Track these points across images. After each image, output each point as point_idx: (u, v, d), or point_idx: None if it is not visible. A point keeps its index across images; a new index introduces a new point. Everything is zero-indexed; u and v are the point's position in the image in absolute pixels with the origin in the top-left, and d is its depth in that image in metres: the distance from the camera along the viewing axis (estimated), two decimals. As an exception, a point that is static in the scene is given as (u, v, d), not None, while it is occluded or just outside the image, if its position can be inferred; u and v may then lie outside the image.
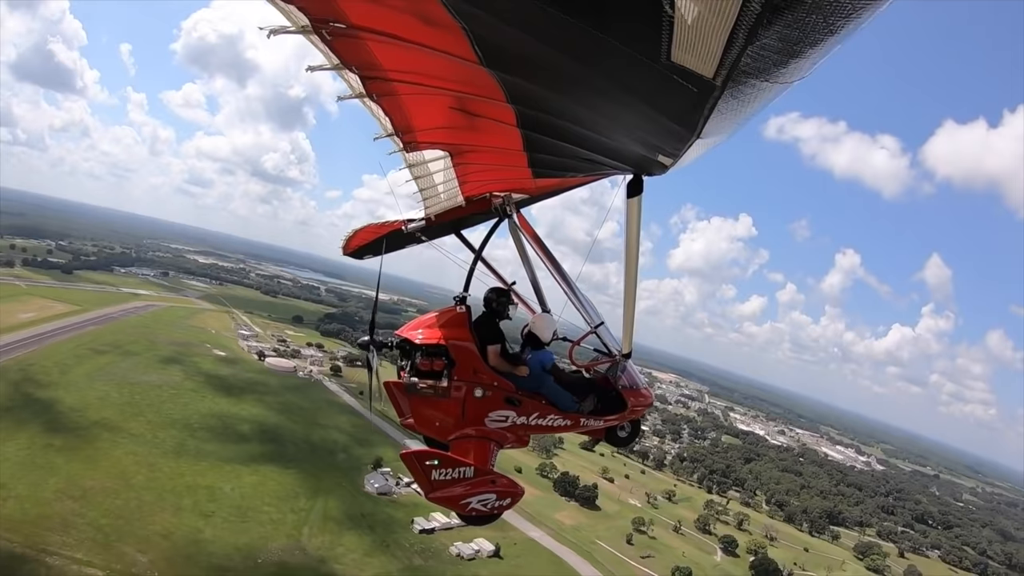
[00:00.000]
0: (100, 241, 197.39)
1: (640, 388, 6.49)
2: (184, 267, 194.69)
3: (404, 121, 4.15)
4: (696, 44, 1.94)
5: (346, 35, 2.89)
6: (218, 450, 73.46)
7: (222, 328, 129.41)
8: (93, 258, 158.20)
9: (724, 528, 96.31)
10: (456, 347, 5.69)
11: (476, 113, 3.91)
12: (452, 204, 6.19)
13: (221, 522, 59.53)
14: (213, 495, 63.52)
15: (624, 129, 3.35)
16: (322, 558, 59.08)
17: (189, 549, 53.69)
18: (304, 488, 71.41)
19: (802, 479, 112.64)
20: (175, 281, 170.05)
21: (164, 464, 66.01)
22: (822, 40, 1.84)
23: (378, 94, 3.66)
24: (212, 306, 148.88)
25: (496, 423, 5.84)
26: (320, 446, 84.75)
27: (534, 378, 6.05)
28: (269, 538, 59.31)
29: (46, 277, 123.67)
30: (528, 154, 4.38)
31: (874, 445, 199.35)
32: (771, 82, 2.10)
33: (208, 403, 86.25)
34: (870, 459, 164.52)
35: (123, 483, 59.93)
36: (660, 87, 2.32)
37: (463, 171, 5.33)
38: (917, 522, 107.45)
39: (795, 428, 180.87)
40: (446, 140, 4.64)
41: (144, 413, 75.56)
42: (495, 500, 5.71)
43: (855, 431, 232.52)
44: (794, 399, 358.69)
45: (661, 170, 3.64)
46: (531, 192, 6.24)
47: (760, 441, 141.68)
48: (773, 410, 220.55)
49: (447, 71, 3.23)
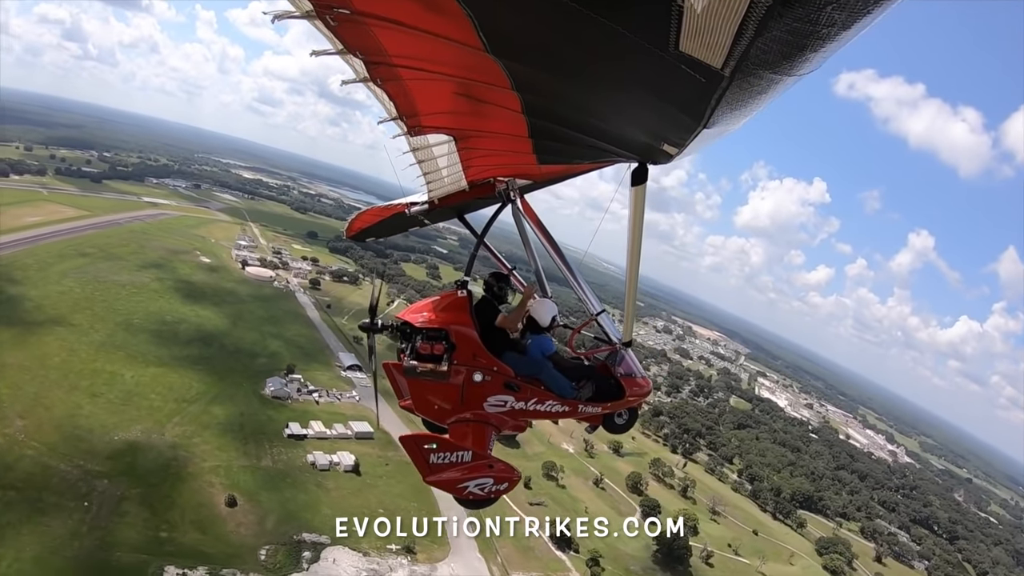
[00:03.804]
0: (148, 153, 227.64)
1: (638, 377, 7.18)
2: (222, 180, 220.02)
3: (409, 106, 4.43)
4: (705, 34, 2.13)
5: (350, 20, 3.11)
6: (141, 345, 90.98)
7: (224, 238, 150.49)
8: (129, 168, 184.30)
9: (661, 492, 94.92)
10: (456, 331, 6.29)
11: (481, 99, 4.20)
12: (456, 188, 6.74)
13: (104, 403, 76.53)
14: (111, 380, 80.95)
15: (630, 117, 3.69)
16: (174, 444, 73.40)
17: (61, 420, 70.88)
18: (201, 385, 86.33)
19: (796, 456, 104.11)
20: (206, 193, 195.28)
21: (84, 351, 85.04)
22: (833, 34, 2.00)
23: (383, 79, 3.91)
24: (229, 218, 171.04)
25: (495, 407, 6.47)
26: (245, 351, 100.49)
27: (533, 363, 6.73)
28: (135, 421, 75.66)
29: (71, 186, 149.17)
30: (533, 140, 4.76)
31: (913, 436, 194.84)
32: (780, 74, 2.31)
33: (161, 304, 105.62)
34: (899, 449, 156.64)
35: (39, 363, 79.28)
36: (668, 76, 2.58)
37: (467, 156, 5.75)
38: (917, 525, 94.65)
39: (828, 404, 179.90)
40: (450, 125, 4.99)
41: (93, 307, 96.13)
42: (492, 484, 6.32)
43: (898, 418, 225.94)
44: (844, 376, 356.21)
45: (666, 159, 3.99)
46: (535, 178, 6.93)
47: (774, 410, 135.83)
48: (813, 383, 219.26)
49: (452, 57, 3.50)
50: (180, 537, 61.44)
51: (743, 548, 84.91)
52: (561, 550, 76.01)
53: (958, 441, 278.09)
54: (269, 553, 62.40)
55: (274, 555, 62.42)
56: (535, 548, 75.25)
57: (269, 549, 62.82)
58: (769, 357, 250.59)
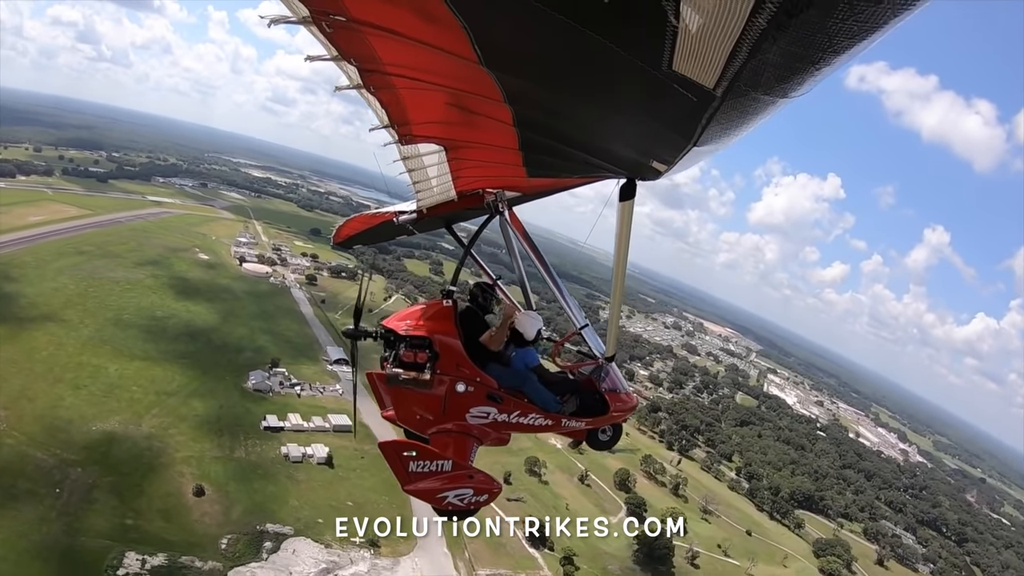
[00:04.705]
0: (157, 153, 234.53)
1: (622, 392, 7.30)
2: (230, 179, 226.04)
3: (401, 114, 4.58)
4: (699, 54, 2.21)
5: (346, 28, 3.17)
6: (129, 339, 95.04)
7: (225, 235, 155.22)
8: (137, 168, 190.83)
9: (651, 489, 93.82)
10: (440, 340, 6.41)
11: (473, 111, 4.35)
12: (444, 198, 6.82)
13: (86, 395, 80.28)
14: (95, 373, 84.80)
15: (620, 134, 3.85)
16: (150, 435, 76.47)
17: (43, 411, 74.61)
18: (183, 378, 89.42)
19: (800, 454, 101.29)
20: (212, 191, 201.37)
21: (71, 345, 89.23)
22: (826, 59, 2.09)
23: (376, 87, 4.03)
24: (232, 216, 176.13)
25: (477, 419, 6.59)
26: (232, 345, 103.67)
27: (517, 376, 6.84)
28: (115, 412, 79.06)
29: (76, 185, 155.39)
30: (523, 153, 4.94)
31: (927, 435, 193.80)
32: (772, 96, 2.42)
33: (153, 300, 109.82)
34: (911, 448, 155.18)
35: (26, 356, 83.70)
36: (660, 95, 2.69)
37: (457, 166, 5.85)
38: (925, 527, 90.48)
39: (840, 402, 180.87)
40: (442, 135, 5.14)
41: (85, 303, 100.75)
42: (472, 495, 6.42)
43: (912, 417, 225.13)
44: (858, 374, 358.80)
45: (655, 175, 4.22)
46: (524, 190, 7.09)
47: (781, 407, 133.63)
48: (825, 380, 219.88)
49: (446, 68, 3.60)
50: (145, 525, 63.87)
51: (733, 549, 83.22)
52: (535, 547, 75.85)
53: (973, 440, 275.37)
54: (230, 542, 64.32)
55: (235, 544, 64.31)
56: (507, 545, 75.22)
57: (231, 538, 64.74)
58: (781, 354, 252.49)
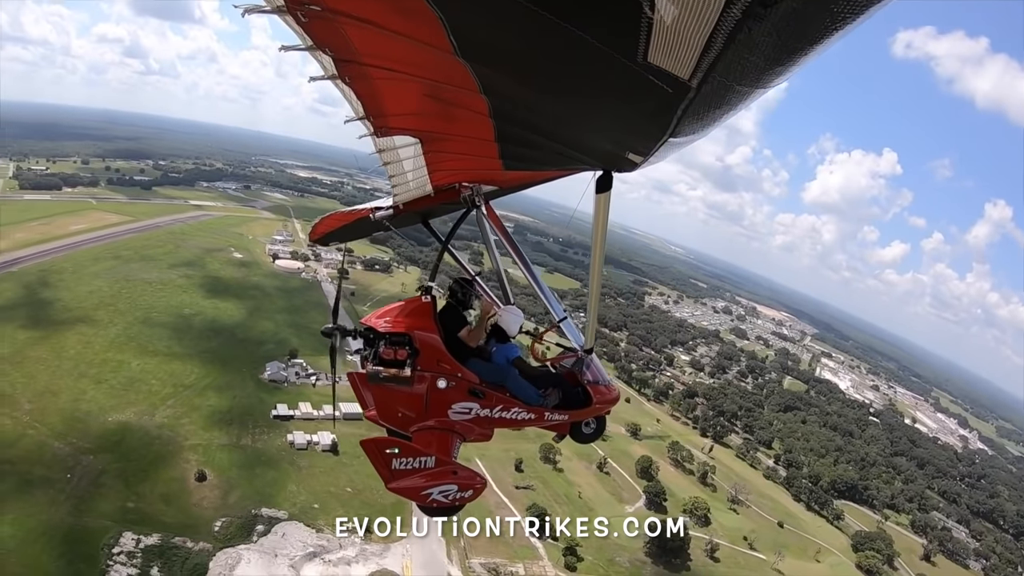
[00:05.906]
0: (204, 159, 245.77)
1: (604, 384, 7.58)
2: (274, 180, 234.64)
3: (376, 106, 4.65)
4: (674, 46, 2.27)
5: (321, 17, 3.24)
6: (155, 336, 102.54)
7: (262, 234, 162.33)
8: (181, 175, 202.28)
9: (677, 477, 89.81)
10: (420, 336, 6.65)
11: (449, 101, 4.42)
12: (421, 193, 6.99)
13: (106, 388, 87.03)
14: (117, 368, 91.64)
15: (596, 125, 3.93)
16: (161, 424, 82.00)
17: (65, 404, 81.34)
18: (202, 371, 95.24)
19: (846, 440, 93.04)
20: (254, 193, 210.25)
21: (99, 343, 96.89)
22: (802, 48, 2.17)
23: (351, 77, 4.10)
24: (272, 215, 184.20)
25: (459, 415, 6.84)
26: (254, 339, 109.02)
27: (498, 370, 7.08)
28: (132, 404, 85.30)
29: (120, 194, 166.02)
30: (499, 145, 5.05)
31: (991, 420, 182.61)
32: (746, 86, 2.50)
33: (183, 298, 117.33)
34: (972, 434, 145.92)
35: (56, 355, 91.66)
36: (634, 86, 2.74)
37: (433, 159, 6.04)
38: (980, 519, 79.65)
39: (898, 386, 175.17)
40: (417, 127, 5.25)
41: (117, 304, 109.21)
42: (456, 491, 6.60)
43: (975, 401, 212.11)
44: (920, 357, 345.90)
45: (631, 167, 4.31)
46: (500, 184, 7.35)
47: (832, 392, 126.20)
48: (884, 364, 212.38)
49: (421, 59, 3.66)
50: (145, 507, 68.30)
51: (761, 541, 78.03)
52: (537, 537, 74.73)
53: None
54: (224, 525, 67.61)
55: (228, 527, 67.53)
56: (506, 533, 74.58)
57: (224, 521, 68.00)
58: (839, 337, 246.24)
